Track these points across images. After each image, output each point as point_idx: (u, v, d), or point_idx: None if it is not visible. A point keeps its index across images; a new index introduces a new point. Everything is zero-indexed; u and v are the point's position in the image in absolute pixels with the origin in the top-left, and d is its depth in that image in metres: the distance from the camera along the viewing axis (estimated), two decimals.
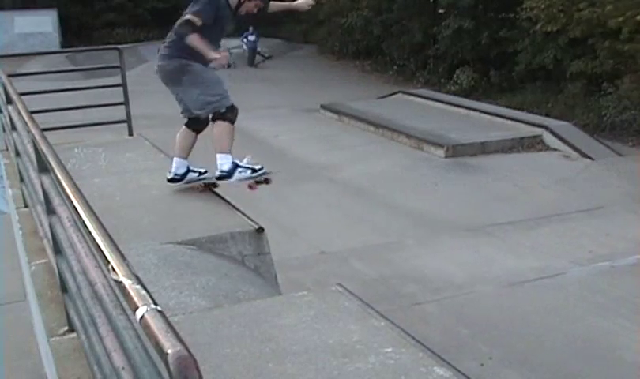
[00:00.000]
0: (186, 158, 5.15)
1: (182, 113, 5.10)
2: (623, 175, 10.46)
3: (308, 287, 5.59)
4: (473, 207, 9.32)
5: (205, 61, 4.75)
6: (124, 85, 7.15)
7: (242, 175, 4.95)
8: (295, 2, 5.42)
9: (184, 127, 5.13)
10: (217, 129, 4.87)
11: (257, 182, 5.11)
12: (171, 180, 5.17)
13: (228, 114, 4.84)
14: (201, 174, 5.20)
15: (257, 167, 5.08)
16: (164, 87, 5.10)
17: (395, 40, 20.68)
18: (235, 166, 4.93)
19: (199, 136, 5.12)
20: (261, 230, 4.45)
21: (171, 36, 4.88)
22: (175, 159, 5.16)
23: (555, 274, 7.06)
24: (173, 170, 5.16)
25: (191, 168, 5.19)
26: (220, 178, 4.95)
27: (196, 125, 5.07)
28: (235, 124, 4.92)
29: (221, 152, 4.89)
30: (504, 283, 6.90)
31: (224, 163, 4.89)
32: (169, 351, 1.24)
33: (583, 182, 10.32)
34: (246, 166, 5.00)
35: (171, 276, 3.71)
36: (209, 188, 5.24)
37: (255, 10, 5.07)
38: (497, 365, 5.43)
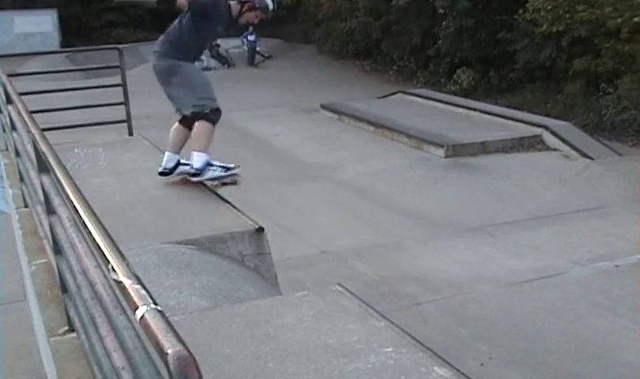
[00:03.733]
0: (177, 152, 5.30)
1: (175, 111, 5.20)
2: (623, 175, 10.46)
3: (308, 287, 5.59)
4: (473, 207, 9.31)
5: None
6: (124, 85, 7.16)
7: (213, 174, 5.12)
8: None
9: (177, 123, 5.25)
10: (198, 128, 5.01)
11: (224, 184, 5.26)
12: (161, 173, 5.33)
13: (212, 116, 4.98)
14: (191, 167, 5.30)
15: (230, 166, 5.23)
16: None
17: (394, 40, 20.67)
18: (208, 164, 5.09)
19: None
20: (261, 230, 4.45)
21: (166, 35, 4.97)
22: (166, 153, 5.31)
23: (555, 274, 7.06)
24: (163, 163, 5.32)
25: (181, 161, 5.32)
26: (194, 175, 5.09)
27: (189, 122, 5.17)
28: (217, 125, 5.06)
29: (197, 150, 5.05)
30: (504, 283, 6.90)
31: (197, 160, 5.06)
32: (169, 351, 1.24)
33: (583, 182, 10.32)
34: (219, 165, 5.16)
35: (171, 276, 3.71)
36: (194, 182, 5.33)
37: (256, 21, 5.19)
38: (497, 365, 5.43)
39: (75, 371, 2.75)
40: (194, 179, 5.12)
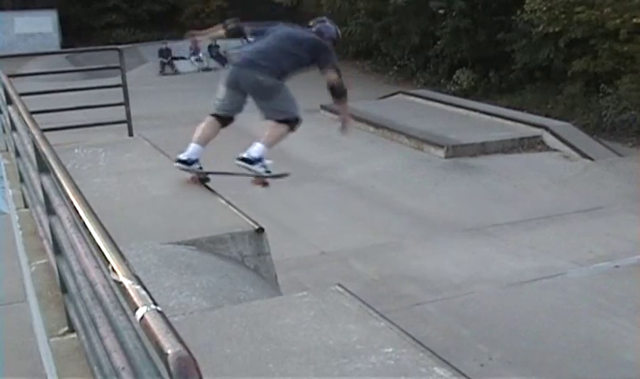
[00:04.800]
0: (203, 146, 5.29)
1: (218, 111, 5.25)
2: (623, 176, 10.46)
3: (308, 287, 5.59)
4: (473, 207, 9.31)
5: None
6: (124, 85, 7.16)
7: (259, 170, 5.19)
8: (344, 121, 6.30)
9: (213, 118, 5.26)
10: (277, 128, 5.19)
11: (259, 183, 5.34)
12: (182, 162, 5.28)
13: (293, 123, 5.28)
14: (201, 168, 5.28)
15: (277, 173, 5.36)
16: (164, 87, 5.16)
17: (394, 41, 20.66)
18: (260, 159, 5.16)
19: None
20: (261, 230, 4.45)
21: (281, 56, 5.17)
22: (193, 145, 5.27)
23: (555, 274, 7.06)
24: (188, 153, 5.27)
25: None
26: (244, 160, 5.12)
27: (225, 121, 5.31)
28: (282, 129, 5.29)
29: (264, 144, 5.16)
30: (504, 284, 6.90)
31: (256, 150, 5.14)
32: (169, 352, 1.24)
33: (583, 183, 10.32)
34: (265, 165, 5.24)
35: (171, 277, 3.71)
36: (203, 184, 5.30)
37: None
38: (497, 365, 5.42)
39: (75, 371, 2.75)
40: (243, 165, 5.12)
